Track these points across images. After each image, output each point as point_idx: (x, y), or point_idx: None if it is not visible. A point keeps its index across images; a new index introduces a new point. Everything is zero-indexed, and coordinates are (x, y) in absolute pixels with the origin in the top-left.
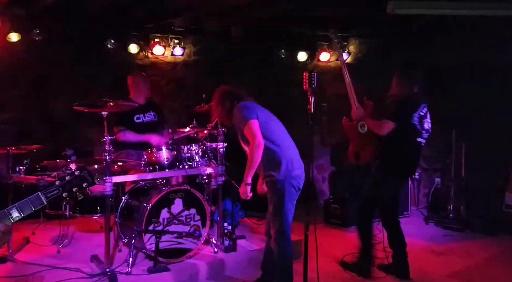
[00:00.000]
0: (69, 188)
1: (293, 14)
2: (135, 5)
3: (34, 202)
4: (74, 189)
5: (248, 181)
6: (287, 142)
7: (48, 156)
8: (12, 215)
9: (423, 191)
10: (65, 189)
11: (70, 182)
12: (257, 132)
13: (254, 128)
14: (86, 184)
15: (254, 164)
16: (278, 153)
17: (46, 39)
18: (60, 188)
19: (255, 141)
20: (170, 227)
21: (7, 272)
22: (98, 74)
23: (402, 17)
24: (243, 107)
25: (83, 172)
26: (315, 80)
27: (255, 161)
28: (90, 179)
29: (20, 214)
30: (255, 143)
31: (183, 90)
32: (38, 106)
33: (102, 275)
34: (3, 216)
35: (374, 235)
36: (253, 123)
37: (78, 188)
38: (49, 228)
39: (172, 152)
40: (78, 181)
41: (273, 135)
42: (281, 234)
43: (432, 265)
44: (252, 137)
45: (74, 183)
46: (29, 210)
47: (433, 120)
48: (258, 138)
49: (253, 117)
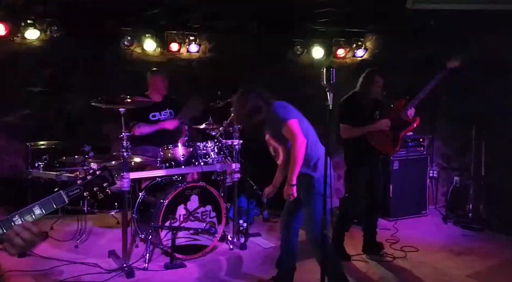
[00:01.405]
0: (90, 188)
1: (309, 10)
2: (151, 2)
3: (56, 200)
4: (95, 189)
5: (293, 182)
6: (318, 141)
7: (66, 152)
8: (34, 212)
9: (441, 190)
10: (86, 189)
11: (91, 181)
12: (298, 130)
13: (295, 127)
14: (107, 184)
15: (298, 163)
16: (315, 151)
17: (63, 36)
18: (81, 188)
19: (298, 140)
20: (186, 223)
21: (27, 266)
22: (114, 71)
23: (420, 12)
24: (280, 106)
25: (104, 172)
26: (333, 76)
27: (300, 160)
28: (111, 179)
29: (42, 212)
30: (297, 142)
31: (198, 87)
32: (56, 103)
33: (120, 270)
34: (26, 214)
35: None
36: (293, 122)
37: (99, 187)
38: (68, 223)
39: (188, 148)
40: (99, 180)
41: (307, 134)
42: (320, 235)
43: (451, 265)
44: (293, 136)
45: (96, 182)
46: (51, 208)
47: (452, 118)
48: (300, 136)
49: (293, 116)
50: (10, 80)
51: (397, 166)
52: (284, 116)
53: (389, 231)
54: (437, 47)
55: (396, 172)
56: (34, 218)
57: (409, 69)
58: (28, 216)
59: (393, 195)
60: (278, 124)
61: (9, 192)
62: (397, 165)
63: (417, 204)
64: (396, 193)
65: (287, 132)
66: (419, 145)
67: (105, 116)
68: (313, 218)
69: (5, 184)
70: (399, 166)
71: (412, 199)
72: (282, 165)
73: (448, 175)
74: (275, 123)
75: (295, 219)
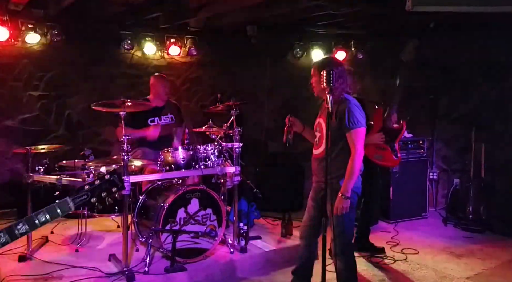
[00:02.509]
0: (98, 193)
1: (309, 12)
2: (151, 6)
3: (62, 207)
4: (103, 194)
5: (349, 195)
6: None
7: (66, 156)
8: (40, 219)
9: (441, 192)
10: (94, 194)
11: (99, 186)
12: (361, 142)
13: (362, 137)
14: (116, 189)
15: (356, 174)
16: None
17: (64, 40)
18: (89, 193)
19: (358, 150)
20: (186, 226)
21: (27, 270)
22: (114, 75)
23: (419, 14)
24: (358, 106)
25: (113, 176)
26: (333, 79)
27: (357, 172)
28: (120, 183)
29: (47, 219)
30: (357, 154)
31: (198, 90)
32: (56, 106)
33: (120, 274)
34: (31, 220)
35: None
36: (362, 131)
37: (107, 193)
38: (67, 227)
39: (188, 151)
40: (108, 185)
41: None
42: (350, 246)
43: (451, 267)
44: (355, 146)
45: (104, 187)
46: (57, 215)
47: (452, 120)
48: (361, 149)
49: (364, 124)
50: (11, 84)
51: (397, 168)
52: (358, 119)
53: (389, 233)
54: (436, 49)
55: (396, 174)
56: (40, 225)
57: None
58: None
59: (393, 198)
60: (349, 123)
61: (9, 196)
62: (397, 167)
63: (417, 206)
64: (396, 195)
65: (354, 137)
66: (419, 147)
67: (105, 119)
68: (344, 227)
69: (5, 188)
70: (399, 168)
71: (412, 201)
72: (318, 156)
73: (448, 177)
74: (344, 119)
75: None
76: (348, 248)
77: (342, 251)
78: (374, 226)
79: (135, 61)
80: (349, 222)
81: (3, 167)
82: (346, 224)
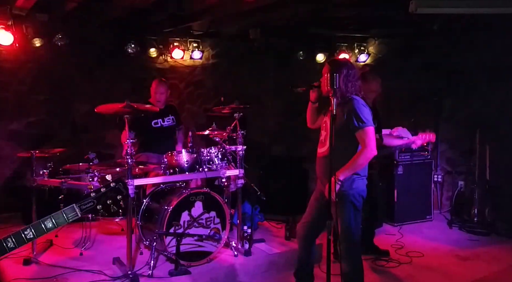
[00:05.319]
0: (104, 201)
1: (312, 15)
2: (155, 10)
3: (69, 213)
4: (108, 202)
5: (341, 179)
6: None
7: (70, 160)
8: (46, 226)
9: (446, 194)
10: (99, 201)
11: (105, 194)
12: (373, 141)
13: (372, 136)
14: (121, 197)
15: (357, 168)
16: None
17: (68, 44)
18: (94, 200)
19: (368, 149)
20: (190, 230)
21: (32, 274)
22: (118, 78)
23: (423, 17)
24: (364, 105)
25: (118, 184)
26: (337, 81)
27: (360, 167)
28: (125, 191)
29: (54, 226)
30: (367, 150)
31: (202, 93)
32: (61, 110)
33: (125, 278)
34: (37, 227)
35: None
36: (372, 130)
37: (112, 200)
38: (72, 230)
39: (192, 155)
40: (113, 193)
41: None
42: (357, 249)
43: (457, 270)
44: (365, 144)
45: (109, 195)
46: (63, 222)
47: (456, 122)
48: (373, 148)
49: (372, 123)
50: (15, 88)
51: (401, 171)
52: (366, 118)
53: (394, 236)
54: (441, 51)
55: (401, 177)
56: (46, 231)
57: (411, 74)
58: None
59: (397, 200)
60: (358, 123)
61: (13, 200)
62: (401, 170)
63: (422, 209)
64: (401, 198)
65: (363, 136)
66: (423, 150)
67: (109, 123)
68: (351, 229)
69: (10, 192)
70: (403, 170)
71: (416, 204)
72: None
73: (453, 179)
74: (352, 119)
75: (318, 233)
76: (355, 250)
77: (349, 253)
78: (379, 229)
79: (139, 65)
80: (356, 224)
81: (8, 170)
82: (352, 227)
